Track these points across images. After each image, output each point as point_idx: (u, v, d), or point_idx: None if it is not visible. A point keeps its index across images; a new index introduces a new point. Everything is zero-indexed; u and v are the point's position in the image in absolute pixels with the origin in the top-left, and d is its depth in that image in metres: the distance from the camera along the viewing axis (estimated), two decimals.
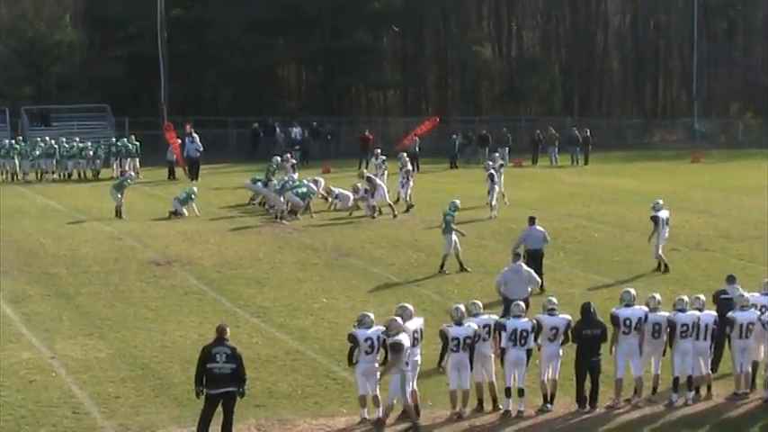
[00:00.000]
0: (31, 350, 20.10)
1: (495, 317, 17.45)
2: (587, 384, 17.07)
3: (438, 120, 56.48)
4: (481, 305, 17.39)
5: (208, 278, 26.23)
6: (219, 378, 15.20)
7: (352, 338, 16.43)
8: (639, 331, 17.24)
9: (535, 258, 24.53)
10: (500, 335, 16.76)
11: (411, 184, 37.62)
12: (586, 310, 17.24)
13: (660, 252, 27.04)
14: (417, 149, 51.21)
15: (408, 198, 37.07)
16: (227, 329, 15.65)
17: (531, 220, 25.51)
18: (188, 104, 64.19)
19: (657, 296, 17.86)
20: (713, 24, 79.27)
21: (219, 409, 15.36)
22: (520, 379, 16.78)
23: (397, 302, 18.75)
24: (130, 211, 35.54)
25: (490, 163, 38.20)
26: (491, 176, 35.34)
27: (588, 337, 16.92)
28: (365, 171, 36.70)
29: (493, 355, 17.03)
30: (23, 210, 37.19)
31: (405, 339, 16.01)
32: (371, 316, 16.69)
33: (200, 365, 15.35)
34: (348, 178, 40.38)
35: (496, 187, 35.46)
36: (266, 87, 70.30)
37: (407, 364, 15.97)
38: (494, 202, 35.15)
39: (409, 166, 38.54)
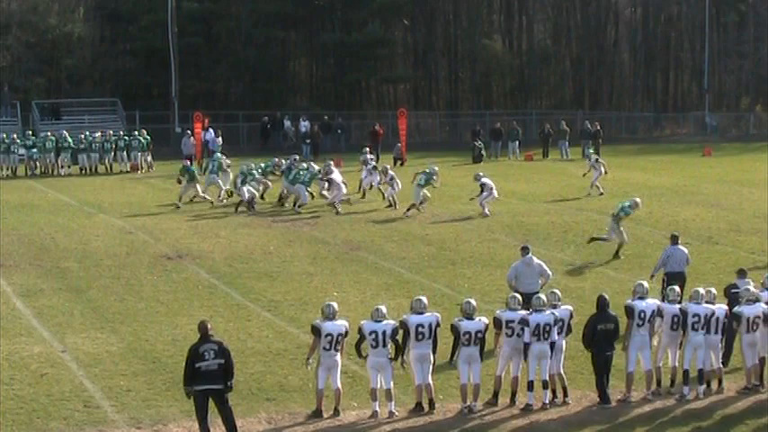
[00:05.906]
0: (42, 344, 20.16)
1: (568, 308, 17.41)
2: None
3: (404, 111, 56.32)
4: (520, 299, 17.34)
5: (219, 272, 26.27)
6: (207, 374, 15.15)
7: (359, 330, 16.54)
8: (651, 324, 17.26)
9: (675, 283, 20.30)
10: (523, 330, 16.73)
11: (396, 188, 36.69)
12: (602, 303, 17.14)
13: None
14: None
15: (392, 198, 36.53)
16: (209, 325, 15.57)
17: (674, 239, 22.38)
18: (199, 98, 64.25)
19: (677, 288, 17.97)
20: (724, 17, 79.11)
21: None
22: (544, 372, 16.75)
23: (407, 296, 18.78)
24: (141, 205, 35.57)
25: (481, 174, 38.19)
26: (479, 179, 35.14)
27: (602, 332, 16.86)
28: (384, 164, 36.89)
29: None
30: (34, 204, 37.27)
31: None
32: (383, 310, 16.71)
33: (189, 365, 15.25)
34: (358, 172, 40.35)
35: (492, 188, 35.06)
36: (277, 81, 70.36)
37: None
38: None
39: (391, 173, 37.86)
